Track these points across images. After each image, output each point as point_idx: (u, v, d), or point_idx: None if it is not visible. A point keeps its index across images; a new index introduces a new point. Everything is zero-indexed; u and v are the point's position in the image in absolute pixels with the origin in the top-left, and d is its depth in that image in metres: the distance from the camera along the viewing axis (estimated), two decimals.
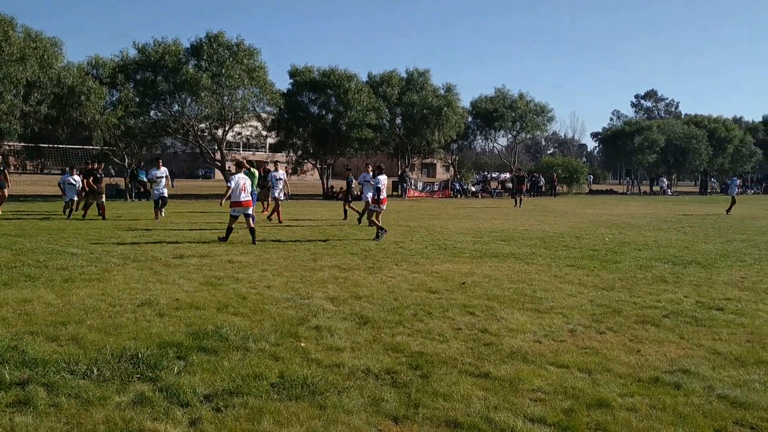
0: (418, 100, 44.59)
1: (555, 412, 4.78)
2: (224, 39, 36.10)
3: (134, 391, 5.03)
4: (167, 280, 9.73)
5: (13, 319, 7.13)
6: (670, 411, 4.86)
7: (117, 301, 8.10)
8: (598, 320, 7.68)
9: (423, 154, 52.35)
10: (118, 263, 11.28)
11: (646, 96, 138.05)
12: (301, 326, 7.07)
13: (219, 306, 7.97)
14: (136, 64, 35.46)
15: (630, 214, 28.88)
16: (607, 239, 16.77)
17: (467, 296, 8.94)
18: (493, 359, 6.04)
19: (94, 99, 29.93)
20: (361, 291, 9.14)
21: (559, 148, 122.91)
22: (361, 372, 5.59)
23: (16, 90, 27.67)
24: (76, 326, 6.81)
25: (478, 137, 56.83)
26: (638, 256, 13.41)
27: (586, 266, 11.96)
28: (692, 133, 66.54)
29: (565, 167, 58.11)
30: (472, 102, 53.53)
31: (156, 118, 37.37)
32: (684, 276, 11.02)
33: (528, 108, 53.46)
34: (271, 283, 9.67)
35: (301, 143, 44.79)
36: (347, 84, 41.65)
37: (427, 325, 7.29)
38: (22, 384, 5.09)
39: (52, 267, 10.68)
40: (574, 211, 30.39)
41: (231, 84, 35.81)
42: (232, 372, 5.48)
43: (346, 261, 12.09)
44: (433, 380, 5.42)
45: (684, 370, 5.79)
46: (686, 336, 7.02)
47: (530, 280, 10.39)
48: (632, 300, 8.89)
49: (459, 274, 10.87)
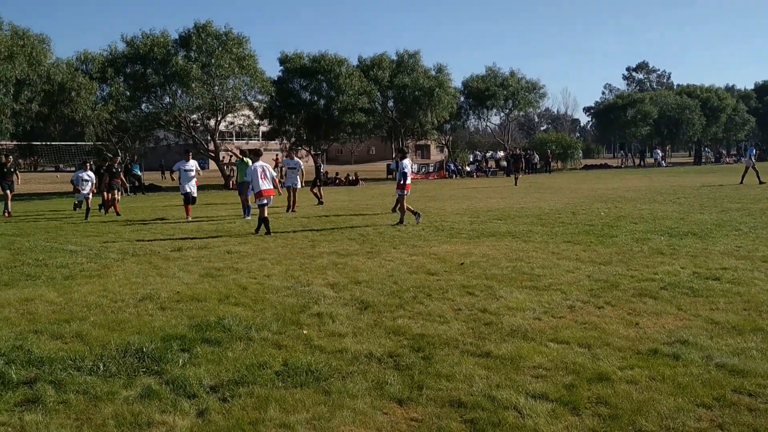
0: (410, 82, 44.55)
1: (556, 388, 4.85)
2: (212, 29, 35.95)
3: (141, 384, 5.09)
4: (167, 273, 9.77)
5: (17, 318, 7.17)
6: (669, 382, 4.93)
7: (118, 297, 8.15)
8: (596, 295, 7.75)
9: (416, 135, 52.43)
10: (118, 258, 11.32)
11: (637, 68, 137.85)
12: (302, 314, 7.13)
13: (220, 297, 8.02)
14: (125, 57, 35.30)
15: (625, 187, 28.95)
16: (603, 213, 16.84)
17: (466, 277, 9.01)
18: (493, 338, 6.11)
19: (85, 95, 29.83)
20: (360, 276, 9.19)
21: (553, 125, 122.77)
22: (363, 356, 5.66)
23: (6, 89, 27.54)
24: (80, 323, 6.86)
25: (471, 117, 57.01)
26: (634, 230, 13.48)
27: (582, 242, 12.02)
28: (685, 104, 66.59)
29: (558, 143, 58.18)
30: (464, 82, 53.58)
31: (148, 111, 37.26)
32: (680, 247, 11.09)
33: (520, 85, 53.49)
34: (271, 272, 9.72)
35: (294, 130, 44.75)
36: (338, 69, 41.57)
37: (428, 307, 7.36)
38: (30, 383, 5.15)
39: (52, 265, 10.71)
40: (569, 187, 30.46)
41: (221, 74, 35.69)
42: (237, 362, 5.54)
43: (344, 247, 12.14)
44: (435, 361, 5.49)
45: (682, 341, 5.86)
46: (684, 307, 7.09)
47: (528, 257, 10.45)
48: (629, 273, 8.96)
49: (457, 254, 10.93)
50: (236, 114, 42.49)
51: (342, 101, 41.03)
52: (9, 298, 8.21)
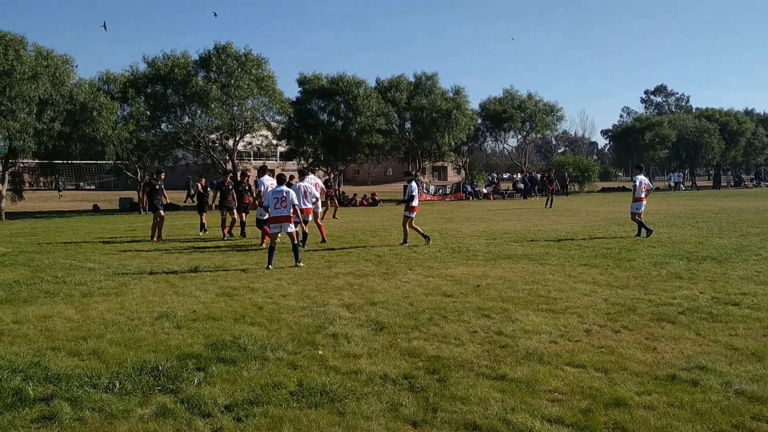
0: (427, 103, 44.69)
1: (572, 413, 4.81)
2: (232, 50, 36.35)
3: (156, 403, 5.10)
4: (184, 292, 9.82)
5: (35, 335, 7.23)
6: (687, 408, 4.87)
7: (135, 315, 8.19)
8: (613, 319, 7.69)
9: (433, 157, 52.45)
10: (135, 277, 11.39)
11: (656, 91, 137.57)
12: (317, 334, 7.13)
13: (236, 316, 8.04)
14: (146, 78, 35.76)
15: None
16: (621, 236, 16.74)
17: (482, 299, 8.98)
18: (509, 361, 6.08)
19: (106, 114, 30.20)
20: (376, 297, 9.19)
21: (570, 147, 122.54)
22: (378, 378, 5.64)
23: (29, 108, 27.96)
24: (97, 340, 6.91)
25: (488, 139, 57.00)
26: (652, 253, 13.38)
27: (599, 265, 11.95)
28: (704, 127, 66.23)
29: (576, 166, 57.98)
30: (481, 104, 53.72)
31: (167, 131, 37.65)
32: (699, 272, 10.99)
33: (537, 108, 53.52)
34: (287, 291, 9.74)
35: (311, 151, 44.95)
36: (356, 90, 41.84)
37: (443, 329, 7.33)
38: (47, 399, 5.18)
39: (71, 282, 10.80)
40: (586, 210, 30.32)
41: (240, 94, 36.05)
42: (252, 382, 5.54)
43: (360, 267, 12.15)
44: (450, 384, 5.46)
45: (701, 367, 5.79)
46: (702, 332, 7.02)
47: (544, 280, 10.40)
48: (647, 297, 8.89)
49: (473, 276, 10.90)
50: (254, 134, 42.78)
51: (360, 122, 41.27)
52: (28, 314, 8.28)
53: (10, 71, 26.59)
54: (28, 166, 35.08)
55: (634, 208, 17.18)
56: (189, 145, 38.80)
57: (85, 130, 30.26)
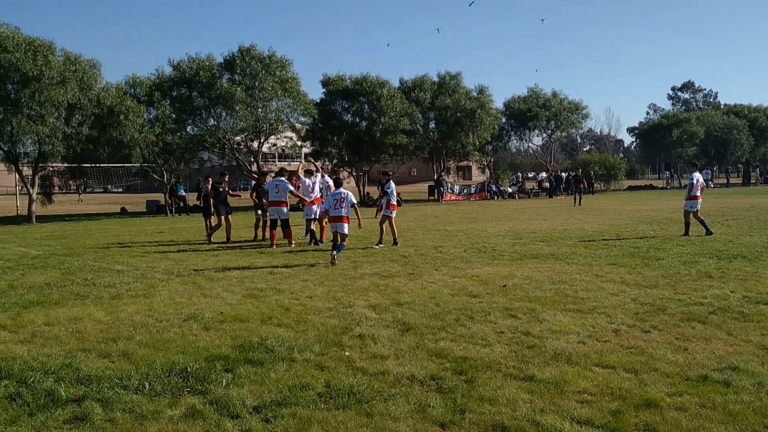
0: (451, 103, 44.59)
1: (602, 414, 4.77)
2: (256, 52, 36.54)
3: (185, 404, 5.14)
4: (211, 293, 9.89)
5: (66, 337, 7.33)
6: (719, 409, 4.80)
7: (163, 317, 8.27)
8: (642, 319, 7.61)
9: (458, 157, 52.35)
10: (163, 278, 11.50)
11: (683, 88, 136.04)
12: (344, 335, 7.14)
13: (263, 318, 8.08)
14: (171, 81, 36.08)
15: (671, 209, 28.44)
16: (648, 235, 16.56)
17: (508, 299, 8.93)
18: (537, 362, 6.04)
19: (133, 118, 30.51)
20: (402, 298, 9.18)
21: (596, 145, 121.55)
22: (406, 379, 5.64)
23: (58, 112, 28.34)
24: (126, 342, 6.98)
25: (513, 138, 56.75)
26: (681, 252, 13.22)
27: (627, 264, 11.84)
28: (732, 124, 65.33)
29: (602, 164, 57.52)
30: (506, 103, 53.55)
31: (193, 133, 37.95)
32: (729, 271, 10.84)
33: (562, 106, 53.22)
34: (313, 293, 9.77)
35: (336, 152, 45.07)
36: (379, 91, 41.87)
37: (470, 329, 7.30)
38: (78, 400, 5.24)
39: (100, 285, 10.94)
40: (613, 208, 30.05)
41: (265, 96, 36.26)
42: (279, 383, 5.57)
43: (386, 268, 12.15)
44: (478, 385, 5.44)
45: (733, 368, 5.71)
46: (734, 332, 6.92)
47: (571, 280, 10.33)
48: (677, 297, 8.79)
49: (499, 276, 10.85)
50: (279, 136, 42.96)
51: (383, 123, 41.28)
52: (59, 316, 8.40)
53: (39, 76, 26.95)
54: (57, 170, 35.57)
55: (688, 206, 16.68)
56: (214, 147, 39.08)
57: (113, 133, 30.61)
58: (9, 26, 27.99)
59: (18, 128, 28.01)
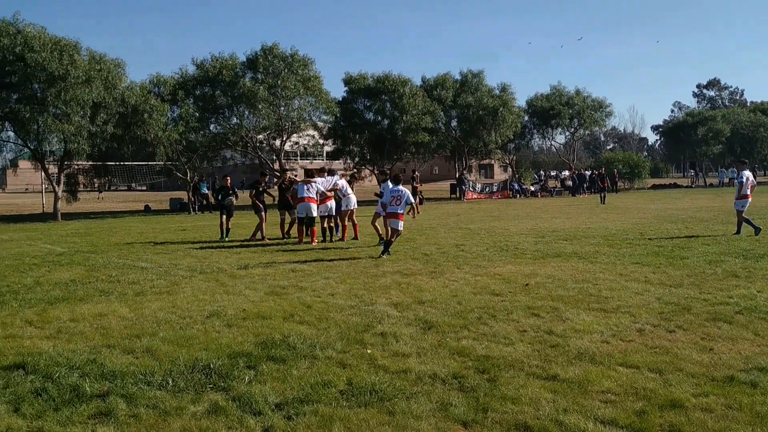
0: (473, 101, 44.44)
1: (626, 414, 4.71)
2: (279, 51, 36.68)
3: (208, 400, 5.17)
4: (233, 290, 9.94)
5: (91, 333, 7.40)
6: (746, 410, 4.73)
7: (187, 313, 8.32)
8: (667, 318, 7.52)
9: (480, 155, 52.15)
10: (186, 276, 11.58)
11: (708, 85, 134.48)
12: (366, 333, 7.14)
13: (285, 315, 8.10)
14: (195, 80, 36.34)
15: (696, 207, 28.13)
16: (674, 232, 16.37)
17: (531, 298, 8.88)
18: (560, 361, 5.99)
19: (157, 116, 30.78)
20: (424, 296, 9.16)
21: (619, 143, 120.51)
22: (428, 377, 5.62)
23: (83, 111, 28.67)
24: (150, 338, 7.04)
25: (536, 136, 56.45)
26: (707, 251, 13.05)
27: (651, 263, 11.71)
28: (759, 122, 64.52)
29: (625, 162, 57.04)
30: (528, 101, 53.27)
31: (216, 132, 38.23)
32: (756, 270, 10.68)
33: (585, 104, 52.84)
34: (335, 290, 9.78)
35: (357, 150, 45.14)
36: (401, 89, 41.85)
37: (492, 328, 7.27)
38: (103, 396, 5.29)
39: (124, 281, 11.04)
40: (637, 207, 29.77)
41: (287, 95, 36.39)
42: (301, 380, 5.58)
43: (407, 266, 12.13)
44: (500, 384, 5.41)
45: (760, 368, 5.62)
46: (761, 332, 6.81)
47: (595, 279, 10.24)
48: (702, 297, 8.67)
49: (522, 275, 10.79)
50: (301, 134, 43.13)
51: (405, 121, 41.25)
52: (84, 312, 8.48)
53: (65, 75, 27.26)
54: (82, 168, 35.99)
55: (739, 206, 16.38)
56: (237, 145, 39.33)
57: (137, 132, 30.91)
58: (36, 26, 28.43)
59: (44, 127, 28.34)
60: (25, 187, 78.61)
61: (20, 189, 79.85)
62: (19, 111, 27.78)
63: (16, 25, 28.18)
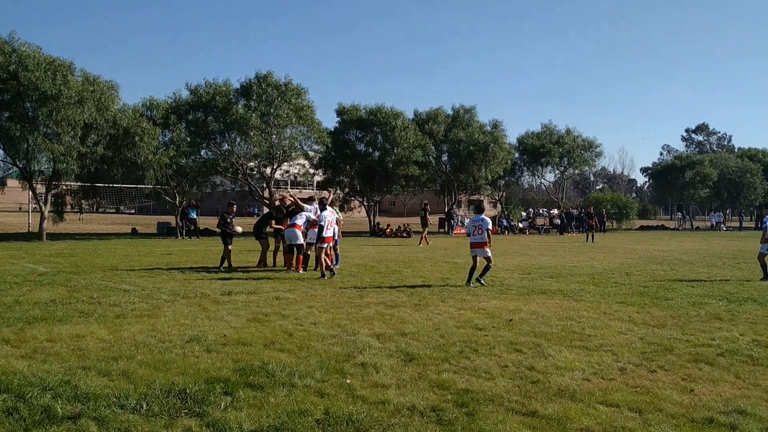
0: (465, 136, 44.69)
1: None
2: (273, 79, 36.83)
3: (182, 426, 5.09)
4: (215, 316, 9.86)
5: (67, 354, 7.30)
6: None
7: (166, 337, 8.23)
8: (649, 358, 7.50)
9: (470, 190, 52.29)
10: (168, 299, 11.47)
11: (697, 130, 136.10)
12: (346, 363, 7.08)
13: (266, 342, 8.03)
14: (188, 104, 36.36)
15: (682, 250, 28.26)
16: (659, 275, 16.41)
17: (514, 333, 8.84)
18: (540, 397, 5.95)
19: (148, 139, 30.70)
20: (407, 328, 9.11)
21: (608, 184, 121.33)
22: (406, 409, 5.56)
23: (74, 132, 28.60)
24: (127, 361, 6.94)
25: (525, 173, 56.67)
26: (691, 293, 13.09)
27: (636, 303, 11.72)
28: (746, 167, 65.08)
29: (614, 203, 57.38)
30: (519, 138, 53.57)
31: (206, 157, 38.15)
32: (740, 313, 10.71)
33: (575, 143, 53.21)
34: (318, 319, 9.71)
35: (348, 180, 45.19)
36: (393, 121, 42.08)
37: (474, 362, 7.22)
38: (74, 418, 5.20)
39: (105, 303, 10.92)
40: (624, 247, 29.87)
41: (279, 123, 36.45)
42: (278, 408, 5.50)
43: (392, 298, 12.08)
44: (479, 418, 5.36)
45: (740, 411, 5.60)
46: (742, 375, 6.81)
47: (579, 317, 10.22)
48: (685, 338, 8.67)
49: (506, 310, 10.76)
50: (292, 163, 43.12)
51: (396, 154, 41.42)
52: (62, 333, 8.38)
53: (58, 95, 27.25)
54: (70, 189, 35.81)
55: (764, 249, 16.11)
56: (227, 171, 39.26)
57: (127, 154, 30.78)
58: (31, 45, 28.44)
59: (34, 146, 28.23)
60: (19, 206, 78.18)
61: (6, 208, 79.32)
62: (10, 129, 27.66)
63: (12, 44, 28.23)
